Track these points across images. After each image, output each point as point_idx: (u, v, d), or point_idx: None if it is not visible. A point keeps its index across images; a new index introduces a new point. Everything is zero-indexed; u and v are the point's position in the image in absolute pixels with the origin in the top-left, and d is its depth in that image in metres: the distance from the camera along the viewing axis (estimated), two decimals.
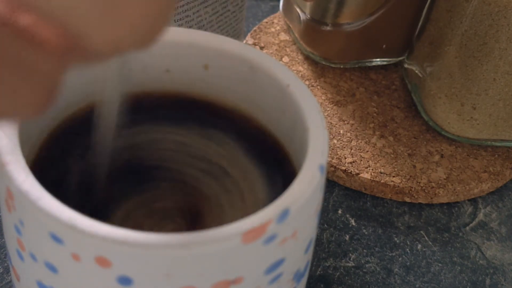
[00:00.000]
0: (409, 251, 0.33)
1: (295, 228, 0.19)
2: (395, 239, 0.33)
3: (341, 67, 0.40)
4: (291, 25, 0.42)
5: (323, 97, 0.39)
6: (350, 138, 0.37)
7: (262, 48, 0.41)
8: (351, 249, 0.32)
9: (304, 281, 0.23)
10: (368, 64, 0.41)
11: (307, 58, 0.41)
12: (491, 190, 0.36)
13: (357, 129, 0.37)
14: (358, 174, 0.35)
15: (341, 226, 0.34)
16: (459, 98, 0.35)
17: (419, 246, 0.33)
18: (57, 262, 0.18)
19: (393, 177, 0.35)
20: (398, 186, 0.35)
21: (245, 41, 0.42)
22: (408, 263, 0.32)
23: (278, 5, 0.46)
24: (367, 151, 0.36)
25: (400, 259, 0.32)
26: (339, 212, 0.34)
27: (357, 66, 0.41)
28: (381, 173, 0.35)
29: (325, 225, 0.33)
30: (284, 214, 0.18)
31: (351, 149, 0.36)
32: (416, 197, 0.35)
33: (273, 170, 0.23)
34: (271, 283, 0.20)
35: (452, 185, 0.35)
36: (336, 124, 0.37)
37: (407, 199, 0.35)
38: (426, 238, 0.34)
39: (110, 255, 0.17)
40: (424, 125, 0.38)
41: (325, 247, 0.32)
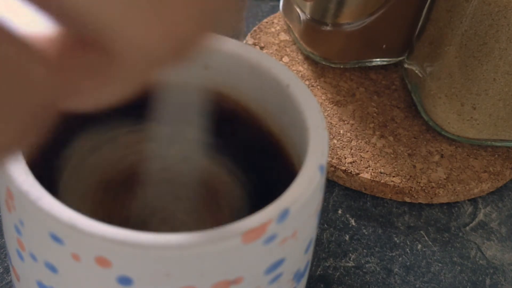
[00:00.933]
0: (409, 251, 0.33)
1: (295, 228, 0.19)
2: (395, 239, 0.33)
3: (341, 67, 0.40)
4: (291, 25, 0.42)
5: (323, 97, 0.39)
6: (350, 138, 0.37)
7: (262, 48, 0.41)
8: (351, 249, 0.32)
9: (304, 281, 0.23)
10: (368, 64, 0.41)
11: (307, 58, 0.41)
12: (491, 190, 0.36)
13: (357, 129, 0.37)
14: (358, 174, 0.35)
15: (341, 226, 0.34)
16: (459, 98, 0.35)
17: (419, 246, 0.33)
18: (57, 262, 0.18)
19: (393, 177, 0.35)
20: (398, 186, 0.35)
21: (245, 41, 0.41)
22: (408, 263, 0.32)
23: (278, 5, 0.46)
24: (367, 151, 0.36)
25: (400, 259, 0.32)
26: (339, 212, 0.34)
27: (357, 66, 0.41)
28: (381, 173, 0.35)
29: (325, 225, 0.33)
30: (284, 214, 0.18)
31: (351, 149, 0.36)
32: (416, 197, 0.35)
33: (274, 169, 0.23)
34: (271, 283, 0.20)
35: (452, 185, 0.35)
36: (336, 124, 0.37)
37: (407, 199, 0.35)
38: (426, 238, 0.34)
39: (110, 255, 0.17)
40: (424, 125, 0.38)
41: (325, 247, 0.32)
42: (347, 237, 0.33)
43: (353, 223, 0.34)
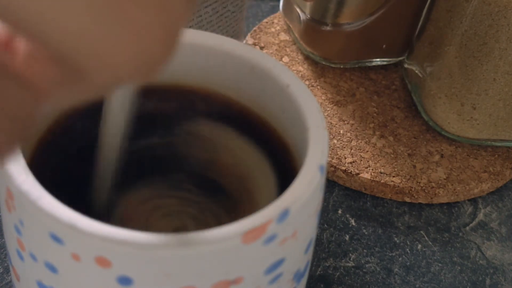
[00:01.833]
0: (409, 251, 0.33)
1: (295, 228, 0.19)
2: (395, 239, 0.33)
3: (341, 67, 0.40)
4: (291, 25, 0.42)
5: (323, 97, 0.39)
6: (350, 138, 0.37)
7: (262, 48, 0.41)
8: (351, 249, 0.32)
9: (304, 281, 0.23)
10: (368, 64, 0.41)
11: (307, 58, 0.41)
12: (491, 190, 0.36)
13: (357, 129, 0.37)
14: (358, 174, 0.35)
15: (341, 226, 0.34)
16: (459, 98, 0.35)
17: (419, 246, 0.33)
18: (57, 262, 0.18)
19: (393, 177, 0.35)
20: (398, 186, 0.35)
21: (245, 41, 0.41)
22: (408, 263, 0.32)
23: (278, 5, 0.46)
24: (367, 151, 0.36)
25: (400, 259, 0.32)
26: (339, 212, 0.34)
27: (357, 66, 0.41)
28: (381, 173, 0.35)
29: (325, 225, 0.33)
30: (284, 214, 0.18)
31: (351, 149, 0.36)
32: (416, 197, 0.35)
33: (274, 169, 0.23)
34: (271, 283, 0.20)
35: (452, 185, 0.35)
36: (336, 124, 0.37)
37: (407, 199, 0.35)
38: (426, 238, 0.34)
39: (110, 255, 0.17)
40: (424, 125, 0.38)
41: (325, 247, 0.32)
42: (347, 237, 0.33)
43: (353, 223, 0.34)
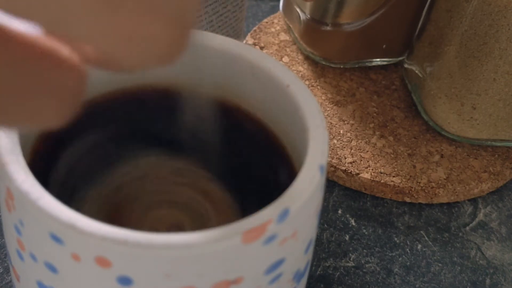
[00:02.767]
0: (409, 251, 0.33)
1: (295, 228, 0.19)
2: (395, 239, 0.33)
3: (341, 67, 0.40)
4: (291, 25, 0.42)
5: (323, 97, 0.39)
6: (350, 138, 0.37)
7: (262, 48, 0.41)
8: (351, 249, 0.32)
9: (304, 281, 0.23)
10: (368, 64, 0.41)
11: (307, 58, 0.41)
12: (491, 190, 0.36)
13: (357, 129, 0.37)
14: (358, 174, 0.35)
15: (341, 226, 0.34)
16: (459, 98, 0.35)
17: (419, 246, 0.33)
18: (57, 262, 0.18)
19: (393, 177, 0.35)
20: (398, 186, 0.35)
21: (245, 41, 0.41)
22: (408, 263, 0.32)
23: (278, 5, 0.46)
24: (367, 151, 0.36)
25: (400, 259, 0.32)
26: (339, 212, 0.34)
27: (357, 66, 0.41)
28: (381, 173, 0.35)
29: (325, 225, 0.33)
30: (284, 214, 0.18)
31: (351, 149, 0.36)
32: (416, 197, 0.35)
33: (273, 170, 0.23)
34: (271, 283, 0.20)
35: (452, 185, 0.35)
36: (336, 124, 0.37)
37: (407, 199, 0.35)
38: (426, 238, 0.34)
39: (110, 255, 0.17)
40: (424, 125, 0.38)
41: (325, 247, 0.32)
42: (347, 237, 0.33)
43: (353, 223, 0.34)
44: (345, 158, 0.35)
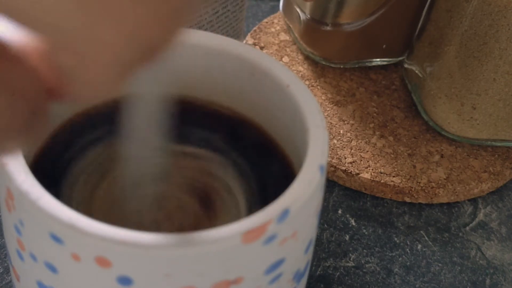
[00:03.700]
0: (409, 251, 0.33)
1: (295, 228, 0.19)
2: (395, 239, 0.33)
3: (341, 67, 0.40)
4: (291, 25, 0.42)
5: (323, 97, 0.39)
6: (350, 138, 0.37)
7: (262, 48, 0.41)
8: (351, 249, 0.32)
9: (304, 281, 0.23)
10: (368, 64, 0.41)
11: (307, 58, 0.41)
12: (491, 190, 0.36)
13: (357, 129, 0.37)
14: (358, 174, 0.35)
15: (341, 226, 0.34)
16: (459, 98, 0.35)
17: (419, 246, 0.33)
18: (57, 262, 0.18)
19: (393, 177, 0.35)
20: (398, 186, 0.35)
21: (245, 41, 0.42)
22: (408, 263, 0.32)
23: (278, 5, 0.46)
24: (367, 151, 0.36)
25: (400, 259, 0.32)
26: (339, 212, 0.34)
27: (357, 66, 0.41)
28: (381, 173, 0.35)
29: (325, 225, 0.33)
30: (284, 214, 0.18)
31: (351, 149, 0.36)
32: (416, 197, 0.35)
33: (272, 170, 0.23)
34: (271, 283, 0.20)
35: (452, 185, 0.35)
36: (336, 124, 0.37)
37: (407, 199, 0.35)
38: (426, 238, 0.34)
39: (110, 255, 0.17)
40: (424, 125, 0.38)
41: (325, 247, 0.32)
42: (347, 237, 0.33)
43: (353, 223, 0.34)
44: (345, 158, 0.35)
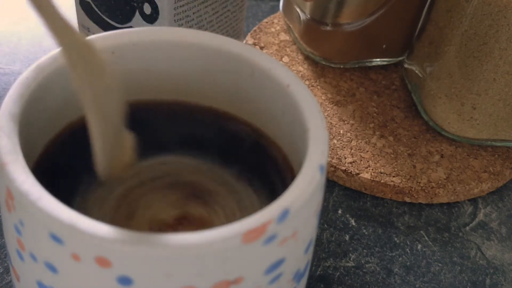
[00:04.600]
0: (409, 251, 0.33)
1: (295, 228, 0.19)
2: (395, 239, 0.33)
3: (341, 67, 0.40)
4: (291, 25, 0.42)
5: (323, 97, 0.39)
6: (350, 138, 0.37)
7: (262, 48, 0.41)
8: (351, 249, 0.32)
9: (304, 281, 0.23)
10: (368, 64, 0.41)
11: (307, 58, 0.41)
12: (491, 190, 0.36)
13: (357, 129, 0.37)
14: (358, 174, 0.35)
15: (341, 226, 0.34)
16: (459, 98, 0.35)
17: (419, 246, 0.33)
18: (57, 262, 0.18)
19: (393, 177, 0.35)
20: (398, 186, 0.35)
21: (245, 41, 0.42)
22: (408, 263, 0.32)
23: (278, 5, 0.46)
24: (367, 151, 0.36)
25: (400, 259, 0.32)
26: (339, 212, 0.34)
27: (357, 66, 0.41)
28: (381, 173, 0.35)
29: (325, 225, 0.33)
30: (284, 214, 0.18)
31: (351, 149, 0.36)
32: (416, 197, 0.35)
33: (272, 170, 0.23)
34: (271, 283, 0.20)
35: (452, 185, 0.35)
36: (336, 124, 0.37)
37: (407, 199, 0.35)
38: (426, 238, 0.34)
39: (110, 255, 0.17)
40: (424, 125, 0.38)
41: (325, 247, 0.32)
42: (347, 237, 0.33)
43: (353, 223, 0.34)
44: (345, 158, 0.35)
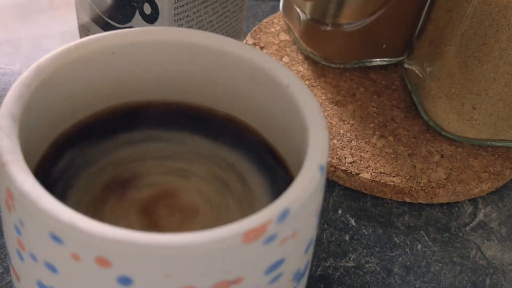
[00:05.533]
0: (409, 251, 0.33)
1: (295, 228, 0.19)
2: (395, 239, 0.33)
3: (341, 67, 0.40)
4: (291, 25, 0.42)
5: (323, 97, 0.39)
6: (350, 138, 0.37)
7: (262, 48, 0.41)
8: (351, 249, 0.32)
9: (304, 281, 0.23)
10: (368, 64, 0.41)
11: (307, 58, 0.41)
12: (491, 190, 0.36)
13: (357, 129, 0.37)
14: (358, 174, 0.35)
15: (341, 226, 0.34)
16: (459, 98, 0.35)
17: (419, 246, 0.33)
18: (57, 262, 0.18)
19: (393, 177, 0.35)
20: (398, 186, 0.35)
21: (245, 41, 0.42)
22: (408, 263, 0.32)
23: (278, 5, 0.46)
24: (367, 151, 0.36)
25: (400, 259, 0.32)
26: (339, 212, 0.34)
27: (357, 66, 0.41)
28: (381, 173, 0.35)
29: (325, 225, 0.33)
30: (284, 214, 0.18)
31: (351, 149, 0.36)
32: (416, 197, 0.35)
33: (272, 170, 0.23)
34: (271, 283, 0.20)
35: (452, 185, 0.35)
36: (336, 124, 0.37)
37: (407, 199, 0.35)
38: (426, 238, 0.34)
39: (110, 255, 0.17)
40: (424, 125, 0.38)
41: (325, 247, 0.32)
42: (347, 237, 0.33)
43: (353, 223, 0.34)
44: (345, 158, 0.35)
